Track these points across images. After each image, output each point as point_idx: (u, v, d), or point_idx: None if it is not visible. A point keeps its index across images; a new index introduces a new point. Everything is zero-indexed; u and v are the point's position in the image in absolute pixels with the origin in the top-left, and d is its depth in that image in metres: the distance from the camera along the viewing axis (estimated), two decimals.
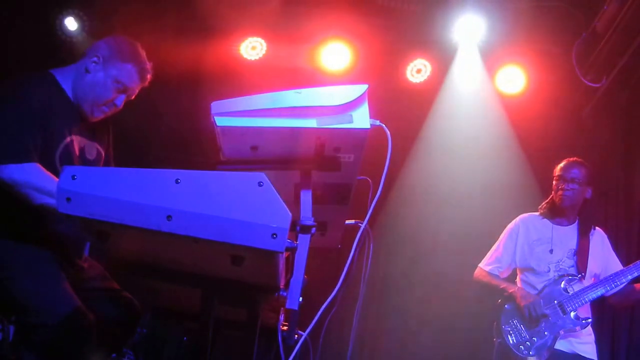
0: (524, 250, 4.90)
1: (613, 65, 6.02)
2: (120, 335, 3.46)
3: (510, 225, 5.06)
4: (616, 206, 6.42)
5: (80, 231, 2.46)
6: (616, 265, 4.83)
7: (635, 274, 4.61)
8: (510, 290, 4.79)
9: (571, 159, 4.93)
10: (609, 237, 4.97)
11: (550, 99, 6.62)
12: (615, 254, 4.94)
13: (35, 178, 3.09)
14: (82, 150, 3.45)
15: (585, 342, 4.71)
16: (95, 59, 3.39)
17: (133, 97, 3.53)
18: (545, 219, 4.95)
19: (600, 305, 5.49)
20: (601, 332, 5.76)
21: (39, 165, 3.14)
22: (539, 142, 6.54)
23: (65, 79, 3.41)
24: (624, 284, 4.64)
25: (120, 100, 3.46)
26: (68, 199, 2.15)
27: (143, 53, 3.49)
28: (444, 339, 6.67)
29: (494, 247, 5.07)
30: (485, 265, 5.03)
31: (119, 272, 3.15)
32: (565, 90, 6.52)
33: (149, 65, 3.49)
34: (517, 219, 5.06)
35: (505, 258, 4.97)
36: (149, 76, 3.49)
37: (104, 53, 3.40)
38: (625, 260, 4.86)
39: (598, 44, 5.90)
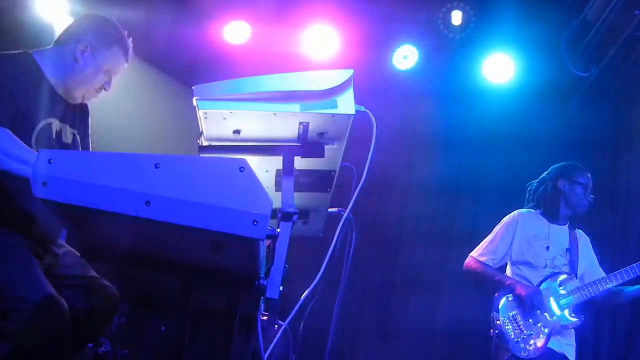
0: (521, 245, 4.89)
1: (603, 55, 6.01)
2: (96, 324, 3.40)
3: (508, 219, 5.03)
4: (602, 198, 6.41)
5: (56, 217, 2.39)
6: (597, 269, 4.91)
7: (628, 277, 4.64)
8: (508, 282, 4.78)
9: (582, 166, 4.99)
10: (596, 230, 4.98)
11: (539, 88, 6.59)
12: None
13: (4, 141, 2.98)
14: (58, 133, 3.38)
15: (569, 343, 4.74)
16: (82, 47, 3.36)
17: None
18: (542, 216, 4.96)
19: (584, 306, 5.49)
20: (584, 332, 5.77)
21: (9, 131, 3.04)
22: (527, 131, 6.52)
23: (45, 61, 3.34)
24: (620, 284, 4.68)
25: (110, 84, 3.48)
26: (44, 184, 2.10)
27: (122, 30, 3.50)
28: (426, 329, 6.65)
29: (489, 238, 5.03)
30: (479, 255, 4.99)
31: (96, 260, 3.09)
32: (554, 80, 6.49)
33: (129, 42, 3.51)
34: (516, 213, 5.04)
35: (500, 250, 4.95)
36: (130, 52, 3.52)
37: (91, 40, 3.38)
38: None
39: (588, 33, 5.88)
